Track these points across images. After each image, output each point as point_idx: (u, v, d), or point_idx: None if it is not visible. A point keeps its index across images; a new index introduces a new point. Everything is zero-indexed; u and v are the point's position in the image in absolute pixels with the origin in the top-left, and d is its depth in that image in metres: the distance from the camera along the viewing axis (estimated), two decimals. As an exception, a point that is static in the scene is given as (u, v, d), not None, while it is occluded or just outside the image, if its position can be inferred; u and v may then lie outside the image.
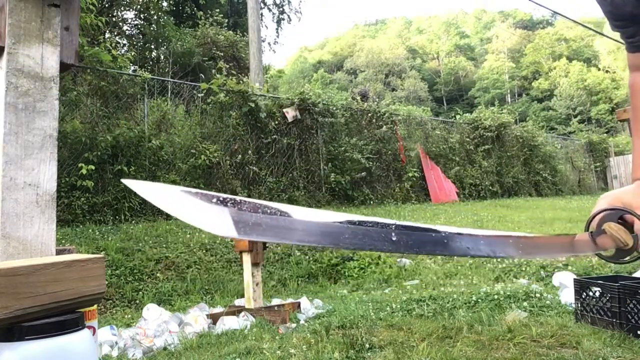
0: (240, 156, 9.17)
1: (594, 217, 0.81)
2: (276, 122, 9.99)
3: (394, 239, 0.62)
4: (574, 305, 3.16)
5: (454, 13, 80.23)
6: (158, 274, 5.25)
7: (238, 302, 4.36)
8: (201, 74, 13.22)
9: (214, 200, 0.56)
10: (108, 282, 4.79)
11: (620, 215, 0.79)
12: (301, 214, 0.58)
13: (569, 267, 4.57)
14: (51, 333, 0.86)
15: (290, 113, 10.14)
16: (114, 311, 4.50)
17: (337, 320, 3.20)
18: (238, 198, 0.57)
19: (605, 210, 0.80)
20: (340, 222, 0.60)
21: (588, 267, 4.56)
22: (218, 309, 4.09)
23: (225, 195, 0.57)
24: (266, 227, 0.56)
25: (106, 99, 8.09)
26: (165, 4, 17.67)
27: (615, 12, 0.87)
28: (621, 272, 4.14)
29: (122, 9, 15.33)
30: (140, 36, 16.50)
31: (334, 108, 11.22)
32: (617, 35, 0.93)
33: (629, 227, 0.79)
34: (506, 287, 4.00)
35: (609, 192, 0.85)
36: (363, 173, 10.97)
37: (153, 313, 3.71)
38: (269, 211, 0.57)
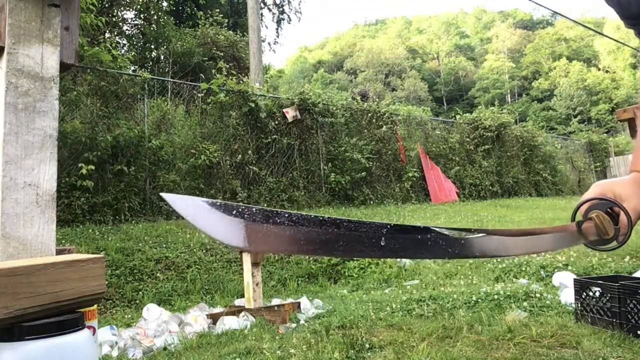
0: (240, 156, 9.17)
1: (583, 203, 0.82)
2: (276, 122, 10.00)
3: (382, 243, 0.61)
4: (574, 305, 3.16)
5: (454, 13, 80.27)
6: (158, 274, 5.25)
7: (238, 302, 4.36)
8: (201, 74, 13.22)
9: (234, 212, 0.56)
10: (108, 282, 4.79)
11: (609, 206, 0.80)
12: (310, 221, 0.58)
13: (569, 267, 4.57)
14: (51, 333, 0.86)
15: (290, 113, 10.14)
16: (114, 311, 4.50)
17: (337, 320, 3.20)
18: (254, 208, 0.57)
19: (595, 199, 0.81)
20: (336, 229, 0.58)
21: (588, 267, 4.56)
22: (218, 309, 4.09)
23: (243, 206, 0.57)
24: (274, 238, 0.56)
25: (106, 99, 8.08)
26: (165, 4, 17.67)
27: (623, 12, 0.89)
28: (621, 272, 4.14)
29: (122, 9, 15.34)
30: (140, 36, 16.50)
31: (334, 108, 11.22)
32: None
33: (615, 217, 0.80)
34: (506, 287, 4.00)
35: (603, 181, 0.85)
36: (363, 173, 10.97)
37: (153, 313, 3.71)
38: (278, 220, 0.57)
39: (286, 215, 0.56)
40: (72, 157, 7.31)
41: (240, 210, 0.56)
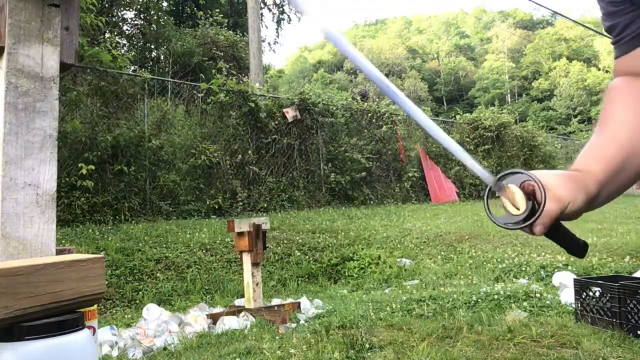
0: (240, 156, 9.18)
1: (508, 173, 0.83)
2: (276, 122, 9.99)
3: None
4: (574, 305, 3.17)
5: (454, 13, 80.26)
6: (158, 274, 5.24)
7: (238, 302, 4.36)
8: (201, 74, 13.23)
9: None
10: (108, 282, 4.79)
11: (529, 182, 0.80)
12: None
13: (569, 267, 4.57)
14: (51, 333, 0.86)
15: (290, 113, 10.14)
16: (114, 311, 4.50)
17: (337, 320, 3.20)
18: None
19: (514, 172, 0.82)
20: None
21: (588, 267, 4.56)
22: (218, 309, 4.09)
23: None
24: None
25: (106, 99, 8.08)
26: (165, 4, 17.66)
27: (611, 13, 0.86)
28: (621, 272, 4.14)
29: (122, 9, 15.33)
30: (140, 36, 16.49)
31: (334, 108, 11.22)
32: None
33: (534, 201, 0.79)
34: (506, 287, 4.00)
35: (543, 170, 0.85)
36: (363, 173, 10.97)
37: (153, 313, 3.71)
38: None
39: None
40: (72, 157, 7.31)
41: None
